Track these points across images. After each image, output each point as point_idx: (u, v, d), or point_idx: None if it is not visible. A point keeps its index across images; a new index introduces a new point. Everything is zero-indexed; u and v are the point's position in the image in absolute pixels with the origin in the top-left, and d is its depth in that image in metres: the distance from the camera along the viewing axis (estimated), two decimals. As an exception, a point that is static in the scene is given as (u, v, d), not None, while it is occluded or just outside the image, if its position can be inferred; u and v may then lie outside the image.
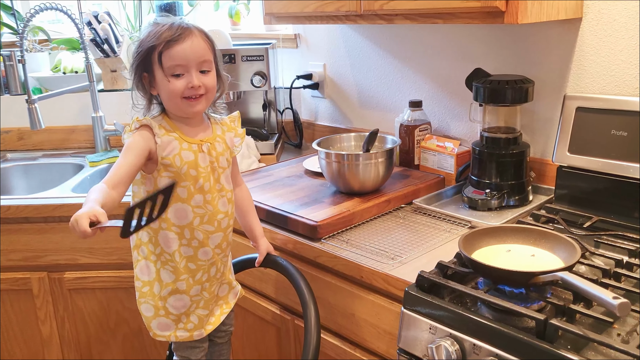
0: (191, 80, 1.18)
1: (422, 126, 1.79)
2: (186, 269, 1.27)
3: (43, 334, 1.88)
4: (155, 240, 1.26)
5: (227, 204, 1.29)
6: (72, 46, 2.52)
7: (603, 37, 1.42)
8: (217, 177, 1.27)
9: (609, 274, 1.10)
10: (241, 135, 1.35)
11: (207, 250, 1.27)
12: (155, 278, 1.28)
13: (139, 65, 1.20)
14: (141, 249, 1.28)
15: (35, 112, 1.98)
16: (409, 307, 1.12)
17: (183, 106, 1.20)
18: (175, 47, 1.16)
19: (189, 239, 1.25)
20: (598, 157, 1.36)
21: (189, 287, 1.28)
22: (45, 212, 1.76)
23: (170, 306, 1.28)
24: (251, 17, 2.57)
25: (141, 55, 1.19)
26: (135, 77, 1.22)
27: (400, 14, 1.44)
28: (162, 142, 1.20)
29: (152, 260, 1.27)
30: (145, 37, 1.19)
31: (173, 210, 1.23)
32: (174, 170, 1.21)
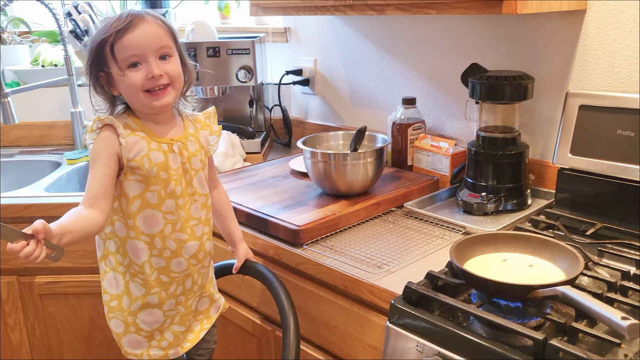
0: (150, 69, 1.05)
1: (415, 125, 1.69)
2: (157, 282, 1.15)
3: (12, 342, 1.78)
4: (123, 250, 1.14)
5: (201, 210, 1.18)
6: (54, 38, 2.42)
7: (609, 31, 1.33)
8: (189, 180, 1.15)
9: (615, 288, 1.01)
10: (217, 132, 1.23)
11: (180, 260, 1.16)
12: (124, 291, 1.16)
13: (93, 64, 1.08)
14: (108, 259, 1.17)
15: (8, 106, 1.88)
16: (394, 321, 1.02)
17: (147, 101, 1.07)
18: (126, 36, 1.04)
19: (160, 249, 1.14)
20: (602, 158, 1.26)
21: (162, 301, 1.16)
22: (14, 211, 1.66)
23: (141, 322, 1.17)
24: (242, 11, 2.47)
25: (93, 53, 1.06)
26: (91, 79, 1.09)
27: (391, 4, 1.35)
28: (128, 142, 1.08)
29: (121, 272, 1.16)
30: (95, 33, 1.07)
31: (142, 217, 1.11)
32: (142, 173, 1.09)
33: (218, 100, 2.05)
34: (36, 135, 2.28)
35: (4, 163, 2.16)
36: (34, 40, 2.47)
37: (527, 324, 0.93)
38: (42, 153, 2.18)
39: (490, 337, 0.91)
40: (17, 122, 1.91)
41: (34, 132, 2.27)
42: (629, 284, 1.01)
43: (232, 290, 1.53)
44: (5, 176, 2.15)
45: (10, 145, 2.28)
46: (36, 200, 1.68)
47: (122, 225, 1.12)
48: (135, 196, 1.10)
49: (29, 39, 2.47)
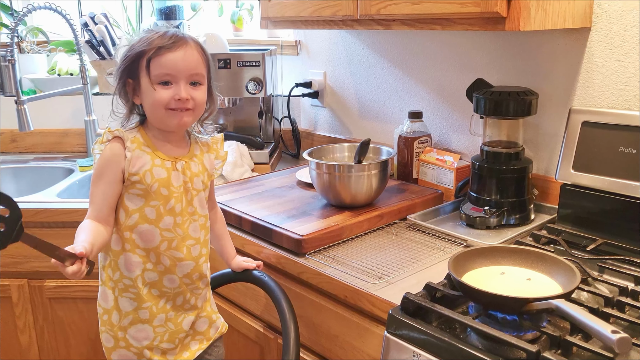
0: (179, 91, 1.09)
1: (421, 138, 1.71)
2: (149, 296, 1.16)
3: (22, 344, 1.81)
4: (114, 264, 1.15)
5: (199, 230, 1.19)
6: (71, 48, 2.47)
7: (613, 49, 1.34)
8: (190, 199, 1.17)
9: (612, 303, 1.01)
10: (222, 157, 1.26)
11: (173, 277, 1.16)
12: (113, 306, 1.17)
13: (125, 70, 1.11)
14: (101, 273, 1.18)
15: (24, 113, 1.92)
16: (392, 331, 1.03)
17: (166, 118, 1.11)
18: (166, 55, 1.08)
19: (154, 263, 1.15)
20: (604, 175, 1.27)
21: (152, 316, 1.17)
22: (26, 216, 1.67)
23: (131, 337, 1.17)
24: (254, 23, 2.51)
25: (129, 60, 1.10)
26: (119, 82, 1.12)
27: (397, 19, 1.37)
28: (132, 156, 1.10)
29: (110, 287, 1.17)
30: (136, 42, 1.11)
31: (139, 231, 1.13)
32: (143, 187, 1.11)
33: (228, 111, 2.09)
34: (51, 142, 2.33)
35: (20, 169, 2.21)
36: (51, 49, 2.53)
37: (523, 336, 0.94)
38: (56, 160, 2.23)
39: (486, 348, 0.92)
40: (32, 129, 1.96)
41: (48, 139, 2.32)
42: (627, 299, 1.02)
43: (236, 298, 1.55)
44: (20, 181, 2.20)
45: (25, 151, 2.34)
46: (48, 205, 1.71)
47: (118, 238, 1.14)
48: (135, 210, 1.12)
49: (47, 48, 2.53)
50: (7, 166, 2.21)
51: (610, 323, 0.97)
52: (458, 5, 1.22)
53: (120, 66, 1.12)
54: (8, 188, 2.20)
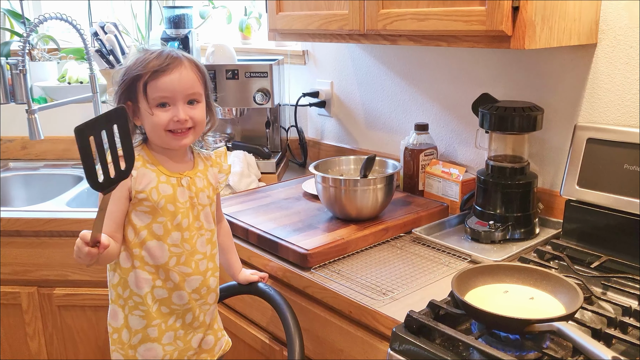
0: (177, 113, 1.11)
1: (427, 150, 1.72)
2: (158, 313, 1.17)
3: (31, 350, 1.84)
4: (124, 282, 1.16)
5: (206, 245, 1.21)
6: (81, 55, 2.50)
7: (618, 65, 1.34)
8: (197, 214, 1.18)
9: (615, 323, 1.02)
10: (226, 171, 1.28)
11: (182, 294, 1.18)
12: (123, 324, 1.18)
13: (123, 94, 1.12)
14: (110, 291, 1.20)
15: (34, 122, 1.95)
16: (395, 348, 1.04)
17: (167, 140, 1.13)
18: (162, 78, 1.09)
19: (163, 280, 1.16)
20: (609, 192, 1.27)
21: (161, 334, 1.18)
22: (36, 225, 1.72)
23: (141, 356, 1.18)
24: (262, 32, 2.53)
25: (126, 84, 1.11)
26: (118, 105, 1.12)
27: (403, 35, 1.38)
28: (138, 174, 1.12)
29: (120, 304, 1.18)
30: (131, 64, 1.11)
31: (147, 248, 1.14)
32: (149, 204, 1.12)
33: (236, 120, 2.10)
34: (60, 149, 2.35)
35: (30, 176, 2.24)
36: (62, 57, 2.55)
37: (525, 356, 0.95)
38: (66, 167, 2.26)
39: (488, 368, 0.93)
40: (42, 137, 1.98)
41: (58, 146, 2.35)
42: (629, 320, 1.02)
43: (242, 309, 1.57)
44: (30, 188, 2.23)
45: (36, 158, 2.37)
46: (58, 215, 1.74)
47: (127, 255, 1.15)
48: (143, 227, 1.14)
49: (57, 56, 2.56)
50: (17, 173, 2.24)
51: (612, 344, 0.98)
52: (463, 24, 1.22)
53: (118, 90, 1.13)
54: (19, 195, 2.23)
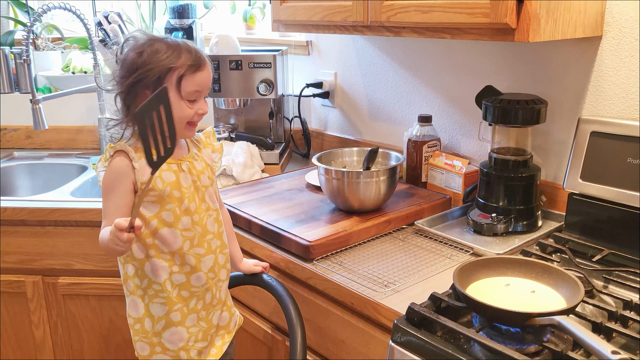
0: (202, 107, 1.16)
1: (430, 142, 1.71)
2: (179, 298, 1.19)
3: (36, 338, 1.85)
4: (141, 272, 1.18)
5: (214, 224, 1.23)
6: (85, 45, 2.50)
7: (624, 58, 1.34)
8: (202, 196, 1.20)
9: (615, 317, 1.02)
10: (219, 150, 1.29)
11: (200, 275, 1.20)
12: (144, 314, 1.20)
13: (140, 82, 1.09)
14: (127, 284, 1.20)
15: (39, 112, 1.95)
16: (396, 340, 1.05)
17: (184, 131, 1.16)
18: (198, 74, 1.13)
19: (180, 265, 1.18)
20: (612, 186, 1.27)
21: (184, 317, 1.20)
22: (41, 215, 1.73)
23: (167, 341, 1.20)
24: (266, 22, 2.52)
25: (154, 73, 1.09)
26: (131, 94, 1.12)
27: (407, 27, 1.38)
28: (140, 166, 1.12)
29: (139, 295, 1.19)
30: (155, 55, 1.09)
31: (160, 236, 1.15)
32: (156, 193, 1.13)
33: (239, 111, 2.10)
34: (65, 139, 2.36)
35: (34, 165, 2.25)
36: (66, 46, 2.55)
37: (526, 349, 0.96)
38: (70, 157, 2.27)
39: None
40: (47, 127, 1.99)
41: (63, 136, 2.36)
42: (630, 314, 1.02)
43: (245, 299, 1.58)
44: (34, 178, 2.24)
45: (40, 147, 2.37)
46: (62, 204, 1.75)
47: (140, 246, 1.16)
48: (152, 216, 1.15)
49: (61, 45, 2.56)
50: (22, 162, 2.25)
51: (613, 338, 0.98)
52: (467, 16, 1.22)
53: (138, 76, 1.09)
54: (23, 184, 2.24)
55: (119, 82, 1.13)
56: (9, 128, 2.37)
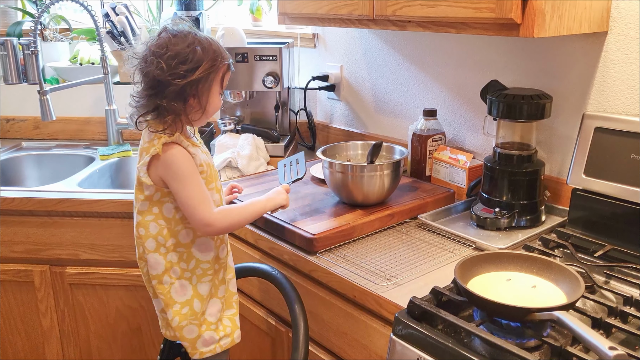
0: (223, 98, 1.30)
1: (435, 136, 1.72)
2: (217, 271, 1.29)
3: (44, 327, 1.88)
4: (187, 255, 1.24)
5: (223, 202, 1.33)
6: (92, 36, 2.51)
7: (629, 54, 1.33)
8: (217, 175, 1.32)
9: (616, 313, 1.03)
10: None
11: (224, 247, 1.31)
12: (193, 295, 1.26)
13: (209, 77, 1.18)
14: (172, 270, 1.24)
15: (46, 103, 1.97)
16: (398, 334, 1.06)
17: (208, 119, 1.27)
18: (230, 71, 1.26)
19: (217, 239, 1.29)
20: (615, 182, 1.27)
21: (216, 289, 1.30)
22: (48, 205, 1.75)
23: (209, 315, 1.28)
24: (273, 14, 2.52)
25: (215, 68, 1.19)
26: (194, 86, 1.17)
27: (412, 21, 1.38)
28: (193, 153, 1.20)
29: (187, 277, 1.25)
30: (213, 49, 1.19)
31: None
32: (205, 175, 1.22)
33: (245, 103, 2.11)
34: (73, 130, 2.38)
35: (42, 156, 2.27)
36: (73, 37, 2.56)
37: (525, 344, 0.97)
38: (77, 147, 2.28)
39: (489, 354, 0.94)
40: (54, 118, 2.01)
41: (70, 127, 2.38)
42: (630, 309, 1.03)
43: (249, 290, 1.59)
44: (42, 168, 2.26)
45: (48, 138, 2.39)
46: (70, 195, 1.77)
47: (188, 230, 1.24)
48: None
49: (69, 36, 2.57)
50: (30, 153, 2.27)
51: (612, 333, 0.99)
52: (473, 10, 1.22)
53: (205, 71, 1.17)
54: (31, 174, 2.26)
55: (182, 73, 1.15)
56: (17, 118, 2.39)
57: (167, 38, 1.16)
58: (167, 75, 1.14)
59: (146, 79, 1.17)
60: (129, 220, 1.75)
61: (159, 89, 1.16)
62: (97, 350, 1.91)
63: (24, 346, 1.92)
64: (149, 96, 1.17)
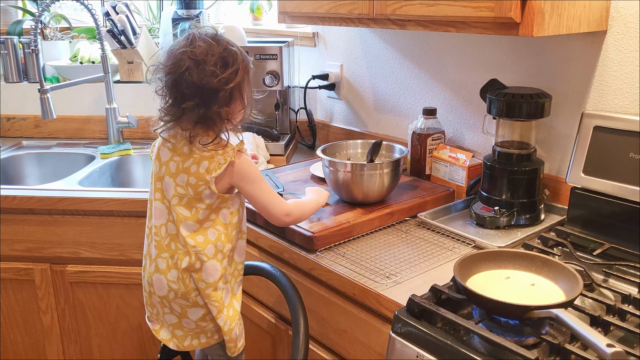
0: None
1: (435, 135, 1.72)
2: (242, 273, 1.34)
3: (44, 325, 1.89)
4: (230, 259, 1.27)
5: None
6: (92, 35, 2.51)
7: (628, 53, 1.34)
8: None
9: (614, 311, 1.03)
10: None
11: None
12: (232, 296, 1.29)
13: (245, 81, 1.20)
14: (225, 276, 1.25)
15: (47, 102, 1.97)
16: (397, 331, 1.07)
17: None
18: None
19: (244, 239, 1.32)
20: (614, 180, 1.28)
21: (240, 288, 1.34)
22: (49, 204, 1.75)
23: (238, 307, 1.32)
24: (273, 13, 2.53)
25: (249, 68, 1.20)
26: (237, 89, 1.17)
27: (412, 20, 1.38)
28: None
29: (227, 280, 1.27)
30: (242, 49, 1.20)
31: (242, 217, 1.29)
32: None
33: (245, 102, 2.11)
34: (73, 128, 2.38)
35: (43, 154, 2.27)
36: (74, 36, 2.57)
37: (524, 341, 0.97)
38: (78, 146, 2.28)
39: (488, 351, 0.95)
40: (55, 117, 2.01)
41: (71, 125, 2.38)
42: (628, 307, 1.04)
43: (249, 289, 1.60)
44: (43, 167, 2.26)
45: (48, 136, 2.39)
46: (70, 194, 1.77)
47: (237, 233, 1.27)
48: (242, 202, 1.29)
49: (69, 35, 2.57)
50: (30, 151, 2.27)
51: (610, 331, 0.99)
52: (472, 9, 1.22)
53: (244, 71, 1.17)
54: (32, 173, 2.27)
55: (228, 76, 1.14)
56: (17, 117, 2.39)
57: (203, 43, 1.13)
58: (216, 82, 1.12)
59: (189, 90, 1.12)
60: (129, 218, 1.75)
61: (206, 97, 1.13)
62: (97, 349, 1.92)
63: (25, 344, 1.93)
64: (195, 106, 1.13)
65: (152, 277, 1.25)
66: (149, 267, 1.27)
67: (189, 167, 1.18)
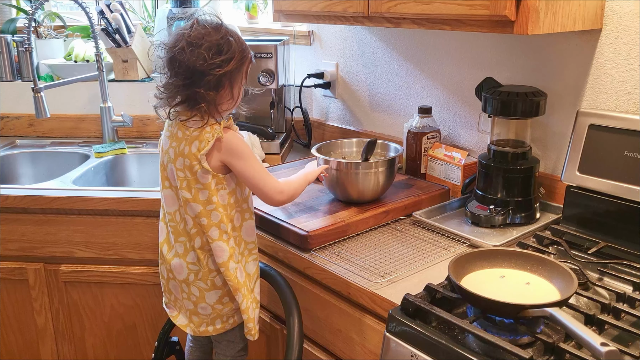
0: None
1: (430, 134, 1.72)
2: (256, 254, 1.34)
3: (38, 325, 1.87)
4: (238, 239, 1.28)
5: None
6: (87, 33, 2.50)
7: (623, 51, 1.34)
8: None
9: (608, 309, 1.03)
10: None
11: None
12: (245, 275, 1.29)
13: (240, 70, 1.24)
14: (234, 255, 1.27)
15: (40, 100, 1.96)
16: (391, 331, 1.06)
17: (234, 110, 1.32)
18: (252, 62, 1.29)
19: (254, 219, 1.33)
20: (609, 179, 1.28)
21: (258, 271, 1.35)
22: (43, 203, 1.74)
23: (256, 293, 1.33)
24: (268, 11, 2.52)
25: (248, 61, 1.25)
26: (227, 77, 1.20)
27: (407, 18, 1.38)
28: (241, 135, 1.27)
29: (237, 260, 1.28)
30: (244, 44, 1.24)
31: (250, 198, 1.30)
32: None
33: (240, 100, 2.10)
34: (68, 127, 2.37)
35: (37, 153, 2.26)
36: (68, 34, 2.56)
37: (519, 340, 0.97)
38: (72, 145, 2.27)
39: (482, 350, 0.95)
40: (48, 115, 2.00)
41: (65, 124, 2.37)
42: (623, 306, 1.03)
43: (244, 288, 1.59)
44: (37, 166, 2.25)
45: (43, 135, 2.38)
46: (64, 193, 1.76)
47: (238, 214, 1.28)
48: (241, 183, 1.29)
49: (64, 34, 2.56)
50: (24, 150, 2.26)
51: (605, 330, 0.99)
52: (467, 7, 1.22)
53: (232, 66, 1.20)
54: (26, 172, 2.26)
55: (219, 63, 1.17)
56: (11, 116, 2.38)
57: (202, 29, 1.18)
58: (206, 65, 1.16)
59: (180, 69, 1.18)
60: (123, 217, 1.74)
61: (194, 78, 1.17)
62: (91, 349, 1.91)
63: (19, 345, 1.91)
64: (183, 86, 1.19)
65: (172, 262, 1.29)
66: (167, 254, 1.30)
67: (183, 150, 1.22)
